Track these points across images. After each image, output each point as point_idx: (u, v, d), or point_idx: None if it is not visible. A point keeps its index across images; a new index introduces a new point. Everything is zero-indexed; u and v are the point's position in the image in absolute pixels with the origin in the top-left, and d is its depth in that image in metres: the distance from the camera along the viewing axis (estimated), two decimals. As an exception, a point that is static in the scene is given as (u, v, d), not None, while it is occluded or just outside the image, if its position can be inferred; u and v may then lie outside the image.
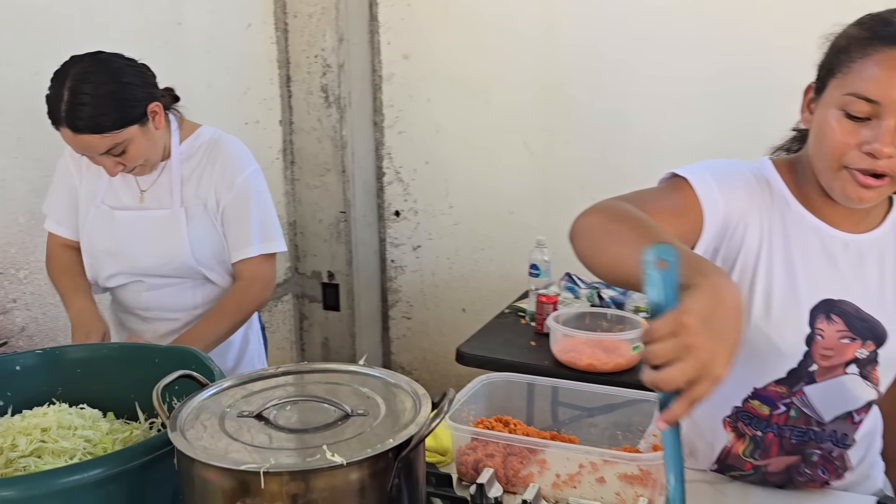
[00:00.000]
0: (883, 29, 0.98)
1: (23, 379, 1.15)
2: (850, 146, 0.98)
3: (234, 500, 0.68)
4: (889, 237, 1.11)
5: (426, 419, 0.75)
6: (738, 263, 1.09)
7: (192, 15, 2.49)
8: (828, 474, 1.16)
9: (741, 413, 1.16)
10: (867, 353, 1.09)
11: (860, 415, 1.13)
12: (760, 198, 1.09)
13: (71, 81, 1.42)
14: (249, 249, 1.61)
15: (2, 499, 0.79)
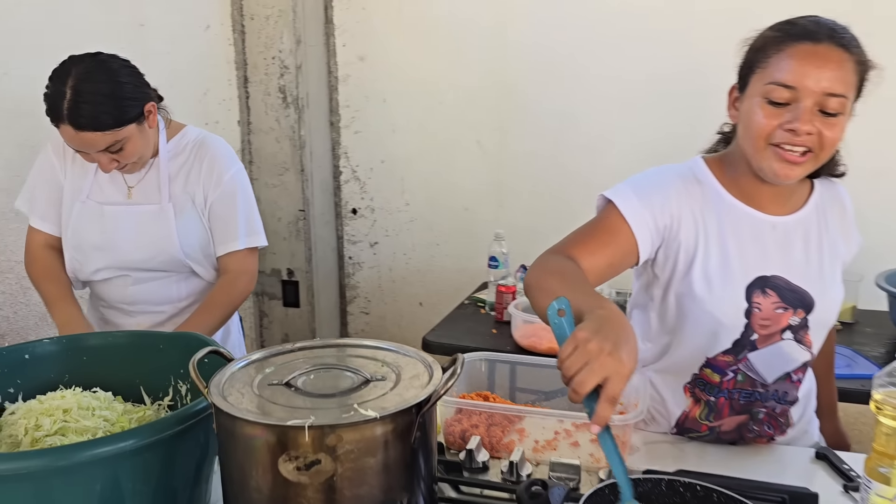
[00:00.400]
0: (791, 28, 1.17)
1: (32, 367, 1.19)
2: (774, 126, 1.14)
3: (278, 454, 0.77)
4: (811, 217, 1.28)
5: (441, 380, 0.86)
6: (680, 254, 1.25)
7: (154, 16, 2.52)
8: (773, 429, 1.32)
9: (697, 380, 1.31)
10: (799, 320, 1.26)
11: (797, 374, 1.29)
12: (689, 195, 1.25)
13: (73, 81, 1.47)
14: (236, 243, 1.68)
15: (54, 467, 0.86)
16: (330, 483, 0.78)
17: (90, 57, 1.53)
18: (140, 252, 1.65)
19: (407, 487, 0.83)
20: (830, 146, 1.15)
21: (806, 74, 1.11)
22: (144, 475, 0.93)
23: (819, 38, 1.13)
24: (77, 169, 1.67)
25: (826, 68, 1.11)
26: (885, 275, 2.19)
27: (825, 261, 1.28)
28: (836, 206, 1.33)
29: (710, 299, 1.23)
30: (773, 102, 1.14)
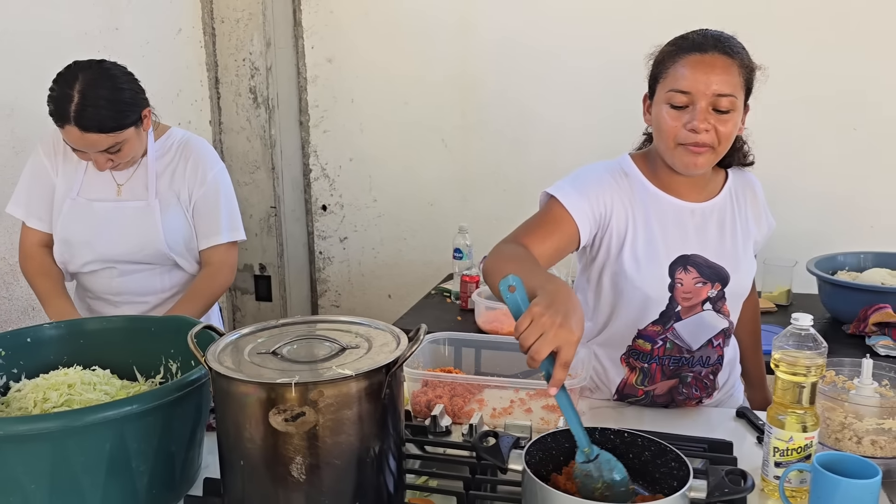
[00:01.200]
0: (683, 42, 1.36)
1: (33, 350, 1.31)
2: (678, 128, 1.33)
3: (268, 408, 0.91)
4: (726, 202, 1.47)
5: (406, 346, 1.00)
6: (612, 239, 1.42)
7: (128, 21, 2.62)
8: (700, 391, 1.49)
9: (632, 351, 1.47)
10: (716, 293, 1.43)
11: (718, 340, 1.47)
12: (619, 187, 1.42)
13: (81, 85, 1.58)
14: (219, 237, 1.80)
15: (69, 427, 0.99)
16: (313, 432, 0.92)
17: (96, 64, 1.65)
18: (126, 246, 1.75)
19: (379, 436, 0.97)
20: (726, 139, 1.34)
21: (697, 80, 1.30)
22: (147, 436, 1.05)
23: (706, 49, 1.32)
24: (68, 167, 1.77)
25: (713, 73, 1.30)
26: (815, 260, 2.38)
27: (738, 240, 1.46)
28: (747, 191, 1.51)
29: (639, 277, 1.40)
30: (675, 106, 1.33)
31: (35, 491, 1.00)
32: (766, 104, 2.73)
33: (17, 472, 0.99)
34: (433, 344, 1.59)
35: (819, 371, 1.08)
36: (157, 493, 1.09)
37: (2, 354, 1.27)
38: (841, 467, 1.02)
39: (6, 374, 1.28)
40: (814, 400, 1.10)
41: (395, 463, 1.03)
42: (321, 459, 0.93)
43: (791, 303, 2.53)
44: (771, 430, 1.11)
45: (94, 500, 1.03)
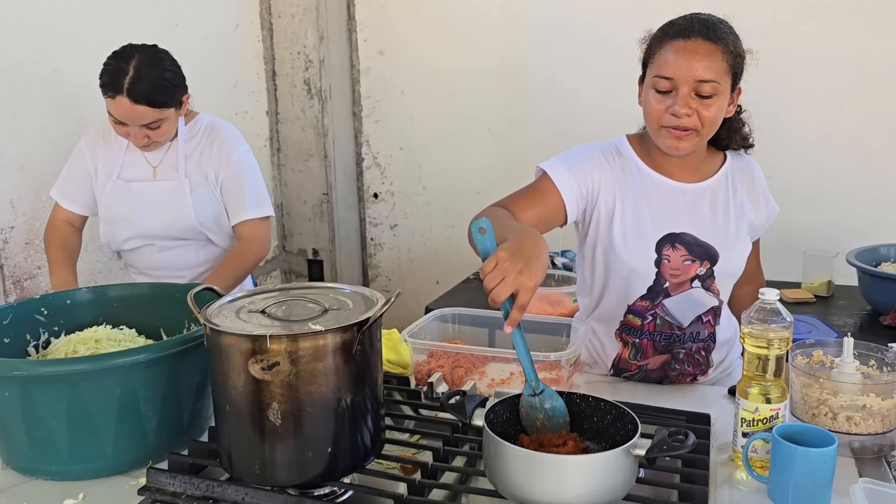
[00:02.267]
0: (669, 28, 1.39)
1: (72, 310, 1.46)
2: (662, 111, 1.37)
3: (248, 357, 1.01)
4: (720, 184, 1.48)
5: (379, 308, 1.08)
6: (601, 215, 1.46)
7: (188, 17, 2.80)
8: (692, 368, 1.51)
9: (624, 326, 1.51)
10: (705, 271, 1.46)
11: (708, 317, 1.49)
12: (610, 166, 1.47)
13: (136, 62, 1.76)
14: (247, 213, 1.94)
15: (79, 371, 1.12)
16: (287, 381, 1.01)
17: (149, 47, 1.83)
18: (161, 221, 1.92)
19: (350, 389, 1.05)
20: (710, 123, 1.37)
21: (679, 66, 1.33)
22: (154, 384, 1.18)
23: (690, 35, 1.35)
24: (109, 153, 1.95)
25: (695, 59, 1.33)
26: (855, 252, 2.32)
27: (731, 221, 1.47)
28: (745, 175, 1.52)
29: (626, 252, 1.44)
30: (660, 91, 1.37)
31: (56, 427, 1.13)
32: (813, 94, 2.70)
33: (41, 410, 1.13)
34: (440, 321, 1.66)
35: (784, 344, 1.10)
36: (165, 437, 1.21)
37: (45, 314, 1.43)
38: (800, 437, 1.04)
39: (48, 331, 1.43)
40: (780, 373, 1.11)
41: (373, 417, 1.11)
42: (295, 406, 1.02)
43: (832, 294, 2.48)
44: (739, 402, 1.14)
45: (108, 438, 1.16)
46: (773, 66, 2.72)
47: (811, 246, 2.59)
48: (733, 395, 1.43)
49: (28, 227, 2.26)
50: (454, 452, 1.17)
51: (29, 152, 2.23)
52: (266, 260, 3.41)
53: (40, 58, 2.25)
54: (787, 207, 2.80)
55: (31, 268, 2.28)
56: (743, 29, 2.73)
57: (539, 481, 0.96)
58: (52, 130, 2.30)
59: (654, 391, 1.48)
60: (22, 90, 2.21)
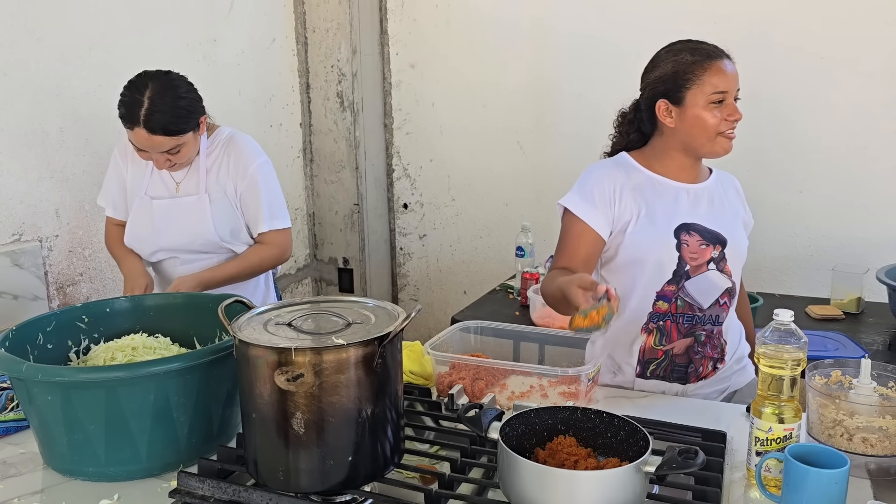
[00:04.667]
0: (698, 53, 1.59)
1: (111, 318, 1.53)
2: (721, 120, 1.57)
3: (274, 368, 1.06)
4: (715, 186, 1.69)
5: (400, 322, 1.12)
6: (623, 220, 1.61)
7: (226, 32, 2.89)
8: (712, 351, 1.64)
9: (651, 315, 1.62)
10: (718, 254, 1.61)
11: (724, 298, 1.62)
12: (617, 178, 1.62)
13: (150, 93, 1.80)
14: (262, 225, 2.00)
15: (116, 378, 1.18)
16: (311, 391, 1.06)
17: (163, 74, 1.87)
18: (182, 237, 1.98)
19: (371, 400, 1.10)
20: None
21: (728, 81, 1.57)
22: (186, 391, 1.23)
23: (722, 56, 1.60)
24: (137, 168, 2.02)
25: (733, 73, 1.59)
26: (885, 269, 2.31)
27: (728, 214, 1.67)
28: (729, 183, 1.74)
29: (651, 243, 1.59)
30: (714, 104, 1.56)
31: (94, 431, 1.20)
32: (844, 108, 2.69)
33: (80, 414, 1.19)
34: (463, 332, 1.70)
35: (799, 365, 1.12)
36: (196, 441, 1.27)
37: (85, 321, 1.50)
38: (813, 458, 1.06)
39: (88, 338, 1.50)
40: (794, 393, 1.13)
41: (392, 428, 1.15)
42: (318, 416, 1.07)
43: (862, 311, 2.46)
44: (753, 421, 1.15)
45: (142, 442, 1.22)
46: (804, 79, 2.73)
47: (841, 262, 2.57)
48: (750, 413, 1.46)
49: (71, 236, 2.36)
50: (472, 464, 1.20)
51: (73, 164, 2.33)
52: (297, 268, 3.49)
53: (86, 74, 2.35)
54: (816, 222, 2.82)
55: (74, 274, 2.38)
56: (774, 42, 2.76)
57: (551, 495, 0.99)
58: (95, 143, 2.39)
59: (672, 407, 1.50)
60: (69, 105, 2.31)
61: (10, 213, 2.18)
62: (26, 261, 2.18)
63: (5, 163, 2.15)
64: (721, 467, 1.17)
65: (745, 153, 2.85)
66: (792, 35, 2.72)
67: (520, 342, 1.82)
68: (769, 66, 2.77)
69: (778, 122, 2.80)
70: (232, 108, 2.92)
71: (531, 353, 1.85)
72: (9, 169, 2.16)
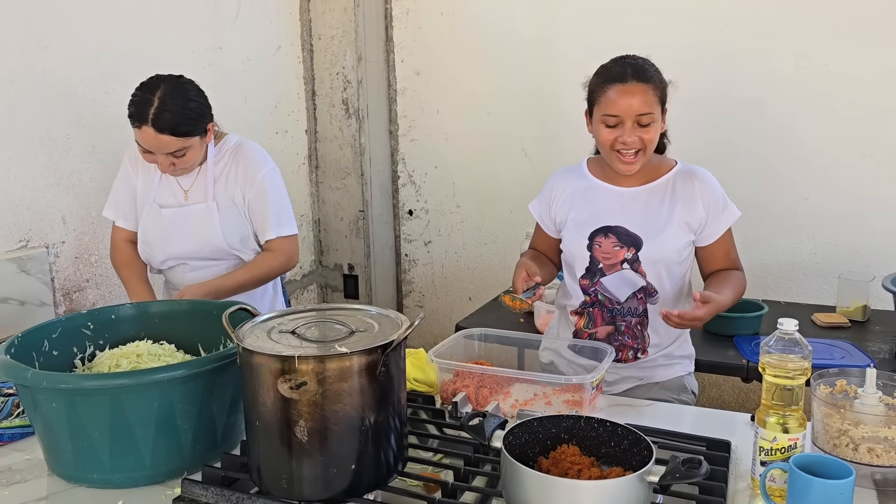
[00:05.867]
0: (607, 74, 1.69)
1: (116, 325, 1.54)
2: (612, 140, 1.67)
3: (277, 376, 1.06)
4: (658, 189, 1.76)
5: (403, 331, 1.13)
6: (562, 221, 1.82)
7: (232, 40, 2.90)
8: (632, 341, 1.77)
9: (581, 303, 1.81)
10: (632, 255, 1.73)
11: (640, 294, 1.75)
12: (564, 185, 1.84)
13: (161, 93, 1.82)
14: (269, 233, 2.00)
15: (121, 385, 1.18)
16: (314, 399, 1.06)
17: (175, 78, 1.88)
18: (192, 245, 1.98)
19: (374, 408, 1.10)
20: (650, 143, 1.68)
21: (622, 105, 1.64)
22: (190, 398, 1.24)
23: (625, 79, 1.65)
24: (146, 175, 2.02)
25: (634, 98, 1.64)
26: (891, 277, 2.29)
27: (661, 218, 1.73)
28: (686, 182, 1.76)
29: (568, 241, 1.80)
30: (608, 126, 1.67)
31: (98, 438, 1.20)
32: (850, 116, 2.68)
33: (84, 421, 1.19)
34: (468, 339, 1.70)
35: (803, 374, 1.11)
36: (200, 449, 1.27)
37: (91, 328, 1.51)
38: (817, 468, 1.05)
39: (94, 344, 1.51)
40: (799, 402, 1.12)
41: (395, 436, 1.15)
42: (321, 424, 1.07)
43: (868, 319, 2.44)
44: (758, 431, 1.15)
45: (146, 449, 1.22)
46: (809, 87, 2.72)
47: (847, 269, 2.56)
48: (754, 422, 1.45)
49: (78, 242, 2.37)
50: (475, 472, 1.20)
51: (80, 171, 2.34)
52: (303, 274, 3.49)
53: (93, 81, 2.36)
54: (822, 230, 2.81)
55: (80, 281, 2.39)
56: (779, 51, 2.75)
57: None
58: (102, 150, 2.40)
59: (676, 416, 1.49)
60: (75, 112, 2.32)
61: (18, 220, 2.19)
62: (33, 267, 2.19)
63: (13, 170, 2.17)
64: (725, 477, 1.17)
65: (750, 161, 2.87)
66: (797, 44, 2.72)
67: (524, 349, 1.83)
68: (775, 75, 2.77)
69: (783, 130, 2.80)
70: (238, 115, 2.93)
71: (534, 360, 1.85)
72: (16, 176, 2.18)
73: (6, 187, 2.16)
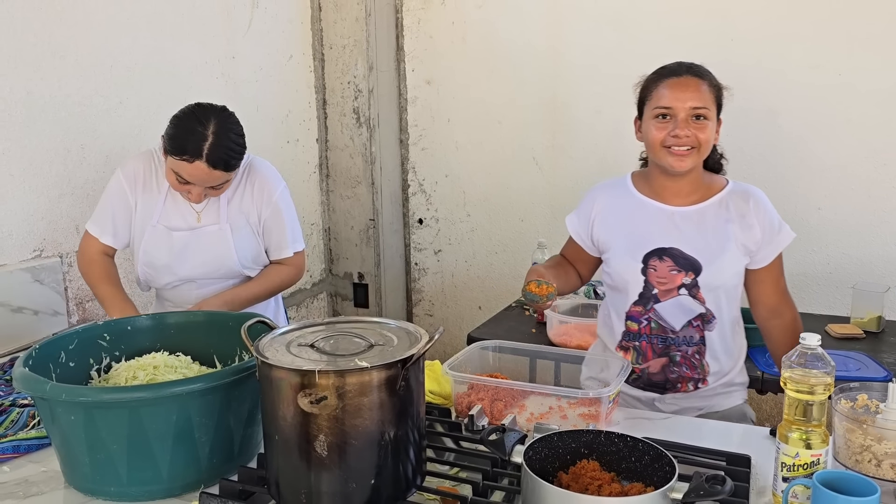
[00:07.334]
0: (661, 70, 1.66)
1: (132, 336, 1.53)
2: (664, 135, 1.60)
3: (297, 391, 1.05)
4: (711, 209, 1.67)
5: (423, 345, 1.12)
6: (606, 241, 1.73)
7: (244, 49, 2.91)
8: (690, 370, 1.68)
9: (624, 334, 1.71)
10: (690, 280, 1.64)
11: (697, 322, 1.66)
12: (606, 201, 1.74)
13: (214, 128, 1.77)
14: (287, 251, 2.02)
15: (139, 398, 1.18)
16: (334, 414, 1.05)
17: (220, 109, 1.84)
18: (204, 267, 1.96)
19: (394, 423, 1.09)
20: (705, 144, 1.61)
21: (675, 97, 1.60)
22: (208, 411, 1.23)
23: (680, 73, 1.62)
24: (147, 196, 1.93)
25: (688, 90, 1.60)
26: (907, 287, 2.28)
27: (718, 240, 1.64)
28: (741, 202, 1.67)
29: (617, 264, 1.70)
30: (659, 121, 1.61)
31: (116, 451, 1.20)
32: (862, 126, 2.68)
33: (102, 434, 1.19)
34: (481, 351, 1.69)
35: (826, 390, 1.10)
36: (217, 462, 1.27)
37: (107, 339, 1.51)
38: (841, 485, 1.04)
39: (110, 356, 1.51)
40: (821, 418, 1.11)
41: (415, 450, 1.15)
42: (341, 439, 1.07)
43: (882, 329, 2.43)
44: (779, 447, 1.14)
45: (164, 462, 1.22)
46: (822, 97, 2.71)
47: (861, 280, 2.55)
48: (775, 436, 1.44)
49: (90, 251, 2.37)
50: (493, 487, 1.20)
51: (94, 181, 2.35)
52: (313, 283, 3.49)
53: (107, 90, 2.37)
54: (836, 240, 2.80)
55: (92, 290, 2.39)
56: (792, 60, 2.75)
57: (576, 521, 0.98)
58: (116, 160, 2.40)
59: (693, 429, 1.48)
60: (90, 121, 2.33)
61: (32, 230, 2.20)
62: (47, 276, 2.20)
63: (28, 180, 2.17)
64: (747, 493, 1.16)
65: (763, 170, 2.86)
66: (810, 53, 2.71)
67: (536, 360, 1.82)
68: (787, 84, 2.76)
69: (796, 139, 2.79)
70: (249, 124, 2.88)
71: (547, 371, 1.84)
72: (31, 186, 2.18)
73: (21, 197, 2.16)
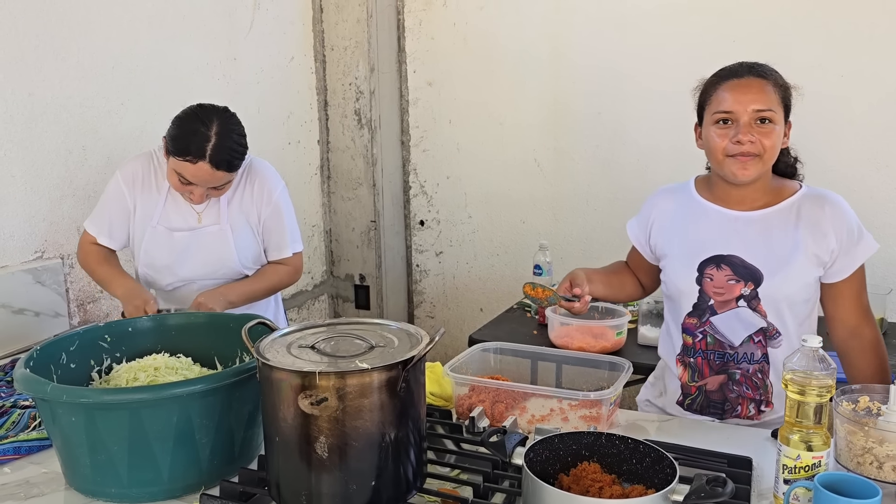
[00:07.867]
0: (722, 72, 1.54)
1: (133, 338, 1.54)
2: (726, 142, 1.48)
3: (298, 393, 1.05)
4: (779, 214, 1.54)
5: (424, 347, 1.12)
6: (663, 248, 1.65)
7: (246, 51, 2.92)
8: (751, 391, 1.56)
9: (683, 348, 1.61)
10: (749, 291, 1.52)
11: (758, 337, 1.54)
12: (667, 206, 1.66)
13: (217, 128, 1.77)
14: (286, 251, 2.02)
15: (140, 399, 1.18)
16: (335, 415, 1.05)
17: (222, 110, 1.84)
18: (205, 268, 1.97)
19: (395, 424, 1.09)
20: (771, 150, 1.48)
21: (737, 100, 1.47)
22: (209, 413, 1.23)
23: (741, 74, 1.50)
24: (146, 197, 1.94)
25: (750, 92, 1.47)
26: (909, 288, 2.28)
27: (784, 249, 1.51)
28: (814, 209, 1.53)
29: (672, 272, 1.60)
30: (720, 126, 1.49)
31: (117, 452, 1.20)
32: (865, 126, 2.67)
33: (103, 435, 1.19)
34: (483, 352, 1.69)
35: (828, 392, 1.10)
36: (217, 463, 1.27)
37: (108, 340, 1.51)
38: (843, 487, 1.04)
39: (111, 357, 1.51)
40: (822, 420, 1.11)
41: (415, 452, 1.15)
42: (341, 440, 1.07)
43: (885, 332, 2.42)
44: (781, 449, 1.14)
45: (165, 463, 1.21)
46: (824, 98, 2.71)
47: (863, 282, 2.54)
48: (776, 438, 1.44)
49: (92, 253, 2.37)
50: (494, 489, 1.19)
51: (95, 182, 2.35)
52: (314, 285, 3.49)
53: (108, 92, 2.38)
54: (838, 242, 2.79)
55: (94, 291, 2.39)
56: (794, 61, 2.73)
57: (577, 523, 0.98)
58: (117, 161, 2.40)
59: (697, 432, 1.48)
60: (91, 123, 2.33)
61: (33, 231, 2.20)
62: (48, 278, 2.20)
63: (29, 181, 2.18)
64: (748, 495, 1.15)
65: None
66: (811, 53, 2.71)
67: (537, 362, 1.82)
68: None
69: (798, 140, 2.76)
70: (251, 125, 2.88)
71: (548, 373, 1.84)
72: (32, 187, 2.19)
73: (22, 198, 2.17)
